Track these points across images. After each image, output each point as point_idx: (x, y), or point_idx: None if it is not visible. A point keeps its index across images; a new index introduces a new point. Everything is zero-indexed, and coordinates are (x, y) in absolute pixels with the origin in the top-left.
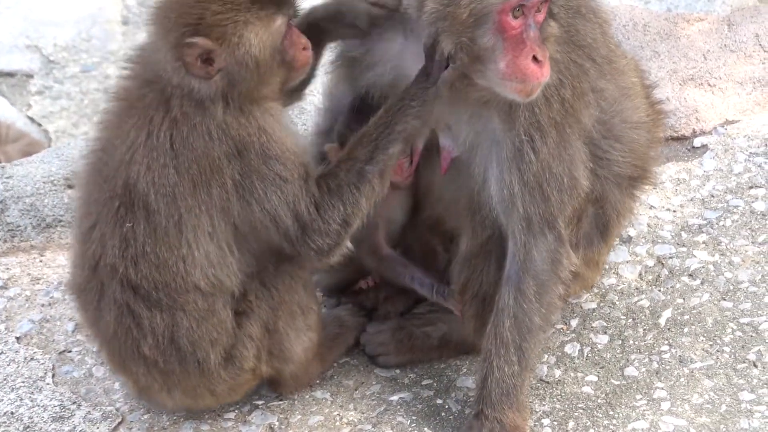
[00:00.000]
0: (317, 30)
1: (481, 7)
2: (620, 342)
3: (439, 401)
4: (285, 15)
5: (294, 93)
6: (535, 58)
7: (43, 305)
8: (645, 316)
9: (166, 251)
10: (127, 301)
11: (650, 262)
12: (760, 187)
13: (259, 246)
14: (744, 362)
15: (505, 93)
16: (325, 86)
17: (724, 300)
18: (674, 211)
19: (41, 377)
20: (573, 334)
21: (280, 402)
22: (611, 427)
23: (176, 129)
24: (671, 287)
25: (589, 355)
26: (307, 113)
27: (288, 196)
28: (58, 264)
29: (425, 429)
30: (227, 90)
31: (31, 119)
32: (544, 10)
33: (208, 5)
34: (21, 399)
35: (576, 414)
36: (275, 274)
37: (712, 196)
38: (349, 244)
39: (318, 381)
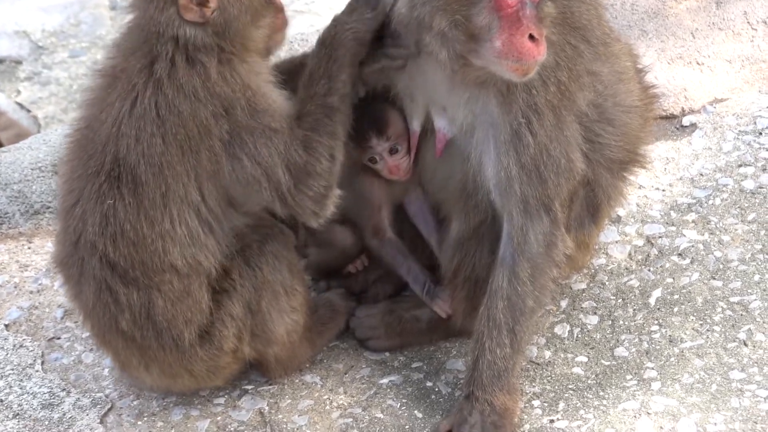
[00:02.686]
0: None
1: None
2: (610, 322)
3: (429, 384)
4: None
5: None
6: (531, 37)
7: (31, 292)
8: (635, 296)
9: (146, 227)
10: (105, 277)
11: (640, 242)
12: (749, 165)
13: (246, 219)
14: (734, 341)
15: (501, 72)
16: None
17: (714, 279)
18: (663, 191)
19: (30, 364)
20: (563, 315)
21: (270, 386)
22: (602, 407)
23: (161, 94)
24: (661, 267)
25: (579, 335)
26: None
27: (279, 146)
28: (46, 251)
29: (415, 412)
30: (222, 33)
31: (21, 105)
32: None
33: None
34: (10, 386)
35: (566, 395)
36: (259, 253)
37: (702, 174)
38: (338, 191)
39: (307, 365)
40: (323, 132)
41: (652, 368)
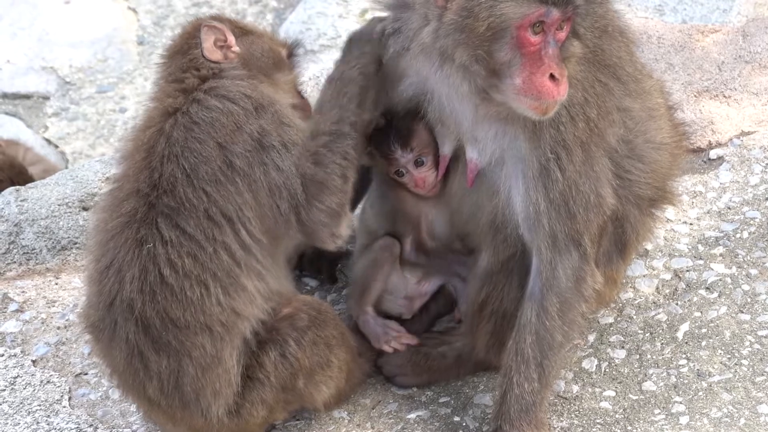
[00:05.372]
0: None
1: (499, 22)
2: (638, 356)
3: (457, 419)
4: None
5: None
6: (552, 76)
7: (59, 328)
8: (662, 329)
9: (188, 262)
10: (137, 342)
11: (667, 276)
12: None
13: (285, 280)
14: (762, 375)
15: (521, 109)
16: None
17: (742, 313)
18: (691, 224)
19: (57, 400)
20: (590, 349)
21: (297, 421)
22: None
23: (194, 102)
24: (688, 300)
25: (607, 370)
26: None
27: (295, 158)
28: (73, 286)
29: None
30: (247, 61)
31: (48, 141)
32: (566, 28)
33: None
34: (38, 422)
35: (594, 429)
36: (297, 347)
37: (729, 208)
38: (352, 220)
39: None
40: (335, 151)
41: (681, 402)
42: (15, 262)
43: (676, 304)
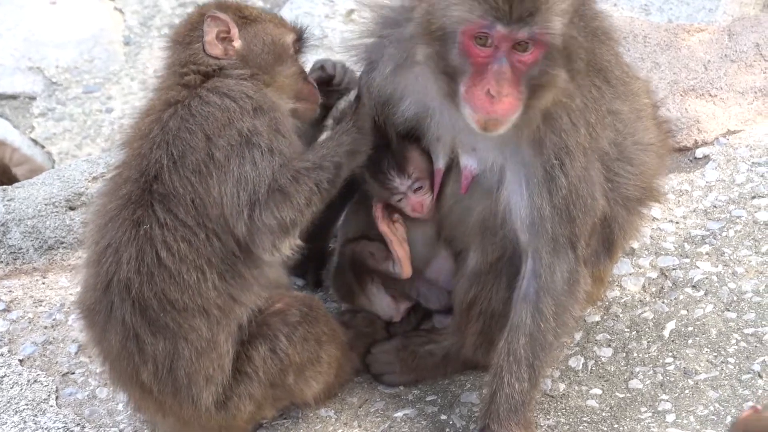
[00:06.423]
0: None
1: (449, 23)
2: (624, 355)
3: (444, 417)
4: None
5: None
6: (489, 93)
7: (45, 327)
8: (649, 328)
9: (183, 246)
10: (134, 323)
11: (653, 274)
12: (762, 197)
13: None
14: (749, 373)
15: (466, 117)
16: None
17: (728, 311)
18: (677, 223)
19: (45, 399)
20: (577, 348)
21: (285, 420)
22: None
23: (195, 97)
24: (675, 299)
25: (594, 368)
26: None
27: (275, 165)
28: (60, 286)
29: None
30: (247, 64)
31: (35, 141)
32: (533, 52)
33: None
34: (25, 422)
35: (581, 428)
36: (288, 343)
37: (715, 206)
38: (299, 241)
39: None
40: (311, 177)
41: (667, 400)
42: (2, 261)
43: (663, 302)
